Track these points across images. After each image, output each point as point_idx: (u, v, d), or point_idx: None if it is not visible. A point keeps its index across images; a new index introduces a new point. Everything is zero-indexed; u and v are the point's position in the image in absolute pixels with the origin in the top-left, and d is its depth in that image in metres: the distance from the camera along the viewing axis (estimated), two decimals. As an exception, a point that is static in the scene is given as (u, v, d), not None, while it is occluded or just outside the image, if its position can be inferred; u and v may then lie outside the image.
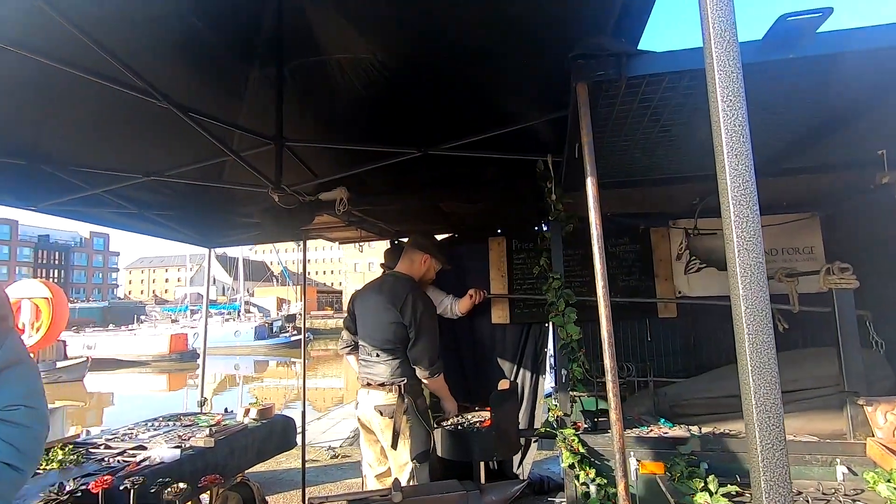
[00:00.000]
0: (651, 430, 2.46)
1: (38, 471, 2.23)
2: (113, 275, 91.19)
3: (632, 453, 2.27)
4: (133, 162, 2.99)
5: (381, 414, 2.65)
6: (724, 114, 0.70)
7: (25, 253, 72.96)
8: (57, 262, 78.22)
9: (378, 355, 2.77)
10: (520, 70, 2.18)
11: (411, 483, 2.57)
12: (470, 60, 2.18)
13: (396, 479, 2.31)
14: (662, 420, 2.59)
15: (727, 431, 2.42)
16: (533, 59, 2.04)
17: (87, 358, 20.01)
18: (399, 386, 2.64)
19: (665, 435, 2.39)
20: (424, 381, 2.74)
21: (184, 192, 3.56)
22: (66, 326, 6.23)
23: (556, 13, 1.73)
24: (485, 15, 1.84)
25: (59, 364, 18.37)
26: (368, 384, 2.77)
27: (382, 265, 3.76)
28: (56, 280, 71.07)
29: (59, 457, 2.33)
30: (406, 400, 2.63)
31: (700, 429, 2.45)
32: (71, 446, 2.55)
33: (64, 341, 19.92)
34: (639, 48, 1.38)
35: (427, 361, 2.68)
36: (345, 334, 3.14)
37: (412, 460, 2.60)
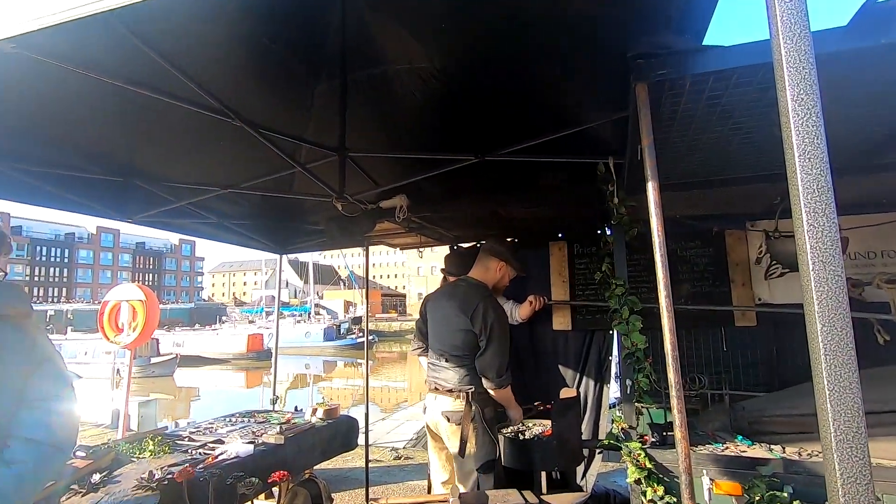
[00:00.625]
0: (727, 448, 2.30)
1: (133, 458, 2.47)
2: (198, 278, 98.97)
3: (705, 472, 2.12)
4: (212, 176, 3.23)
5: (448, 420, 2.64)
6: (794, 113, 0.64)
7: (125, 259, 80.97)
8: (151, 266, 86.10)
9: (446, 360, 2.75)
10: (579, 71, 2.13)
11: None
12: (527, 63, 2.15)
13: (455, 486, 2.31)
14: (740, 437, 2.41)
15: (816, 453, 2.20)
16: (592, 58, 1.98)
17: (177, 355, 21.83)
18: (467, 393, 2.62)
19: (743, 454, 2.22)
20: (491, 391, 2.68)
21: (257, 203, 3.80)
22: (157, 326, 6.83)
23: (615, 11, 1.67)
24: (542, 16, 1.81)
25: (153, 360, 20.18)
26: (436, 389, 2.77)
27: (443, 270, 3.79)
28: (150, 283, 78.30)
29: (150, 447, 2.56)
30: (474, 408, 2.60)
31: (784, 449, 2.25)
32: (160, 438, 2.79)
33: (157, 339, 21.88)
34: (703, 44, 1.30)
35: (494, 372, 2.61)
36: (417, 336, 3.18)
37: (477, 470, 2.58)
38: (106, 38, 1.69)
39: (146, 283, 73.90)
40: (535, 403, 3.08)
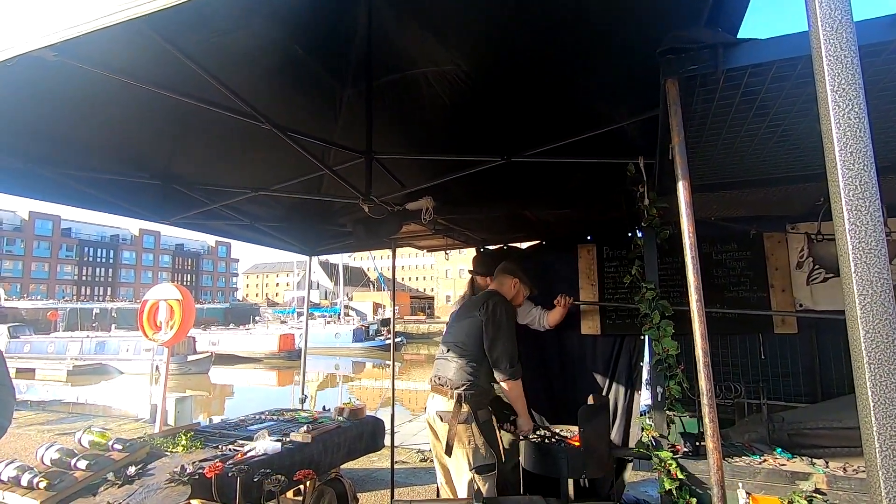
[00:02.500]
0: (765, 460, 2.19)
1: (166, 453, 2.55)
2: (233, 279, 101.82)
3: (741, 485, 2.03)
4: (244, 179, 3.32)
5: (441, 419, 2.68)
6: (834, 105, 0.60)
7: (165, 259, 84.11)
8: (190, 267, 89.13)
9: (448, 351, 2.84)
10: (607, 68, 2.09)
11: (470, 495, 2.54)
12: (555, 64, 2.13)
13: (479, 491, 2.29)
14: (779, 450, 2.30)
15: (863, 469, 2.07)
16: (621, 55, 1.94)
17: (212, 353, 22.48)
18: (460, 394, 2.65)
19: (782, 467, 2.11)
20: (503, 384, 2.75)
21: (287, 205, 3.88)
22: (193, 325, 7.03)
23: (644, 6, 1.63)
24: (568, 15, 1.78)
25: (190, 357, 20.85)
26: (435, 387, 2.83)
27: (471, 271, 3.79)
28: (188, 283, 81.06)
29: (183, 442, 2.64)
30: (464, 408, 2.62)
31: (827, 463, 2.13)
32: (192, 433, 2.87)
33: (194, 338, 22.60)
34: (738, 37, 1.24)
35: (507, 361, 2.71)
36: None
37: (472, 472, 2.56)
38: (144, 48, 1.76)
39: (184, 283, 76.53)
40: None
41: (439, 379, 2.81)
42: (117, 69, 1.86)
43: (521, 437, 2.86)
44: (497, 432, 2.77)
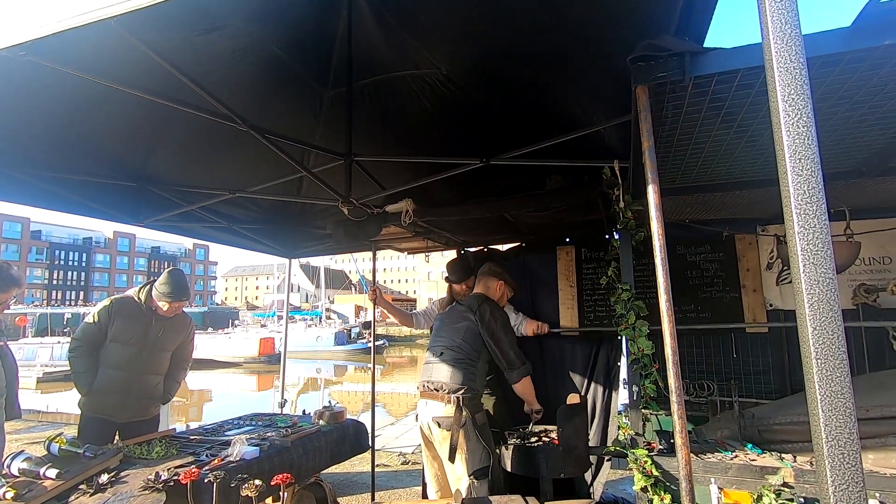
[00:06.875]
0: (736, 456, 2.26)
1: (140, 459, 2.50)
2: (212, 282, 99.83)
3: (713, 480, 2.09)
4: (221, 181, 3.28)
5: (440, 426, 2.64)
6: (784, 114, 0.63)
7: (141, 263, 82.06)
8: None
9: (442, 353, 2.81)
10: (583, 75, 2.13)
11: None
12: (533, 69, 2.16)
13: (458, 491, 2.30)
14: (749, 445, 2.36)
15: (828, 462, 2.14)
16: (596, 63, 1.99)
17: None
18: (458, 398, 2.63)
19: (752, 462, 2.17)
20: (516, 383, 2.83)
21: (266, 207, 3.85)
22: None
23: (617, 15, 1.67)
24: (546, 22, 1.82)
25: (166, 363, 20.28)
26: (427, 392, 2.79)
27: (446, 279, 3.77)
28: (165, 287, 78.84)
29: (158, 448, 2.59)
30: (464, 413, 2.60)
31: (794, 458, 2.20)
32: (168, 439, 2.82)
33: (170, 342, 22.01)
34: (705, 46, 1.29)
35: (518, 360, 2.81)
36: None
37: (470, 476, 2.56)
38: (117, 48, 1.73)
39: (161, 286, 74.29)
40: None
41: (432, 384, 2.76)
42: (90, 69, 1.83)
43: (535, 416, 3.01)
44: (491, 435, 2.77)
